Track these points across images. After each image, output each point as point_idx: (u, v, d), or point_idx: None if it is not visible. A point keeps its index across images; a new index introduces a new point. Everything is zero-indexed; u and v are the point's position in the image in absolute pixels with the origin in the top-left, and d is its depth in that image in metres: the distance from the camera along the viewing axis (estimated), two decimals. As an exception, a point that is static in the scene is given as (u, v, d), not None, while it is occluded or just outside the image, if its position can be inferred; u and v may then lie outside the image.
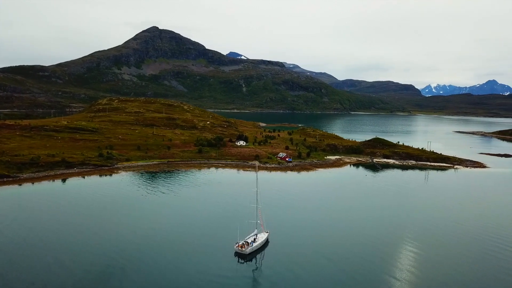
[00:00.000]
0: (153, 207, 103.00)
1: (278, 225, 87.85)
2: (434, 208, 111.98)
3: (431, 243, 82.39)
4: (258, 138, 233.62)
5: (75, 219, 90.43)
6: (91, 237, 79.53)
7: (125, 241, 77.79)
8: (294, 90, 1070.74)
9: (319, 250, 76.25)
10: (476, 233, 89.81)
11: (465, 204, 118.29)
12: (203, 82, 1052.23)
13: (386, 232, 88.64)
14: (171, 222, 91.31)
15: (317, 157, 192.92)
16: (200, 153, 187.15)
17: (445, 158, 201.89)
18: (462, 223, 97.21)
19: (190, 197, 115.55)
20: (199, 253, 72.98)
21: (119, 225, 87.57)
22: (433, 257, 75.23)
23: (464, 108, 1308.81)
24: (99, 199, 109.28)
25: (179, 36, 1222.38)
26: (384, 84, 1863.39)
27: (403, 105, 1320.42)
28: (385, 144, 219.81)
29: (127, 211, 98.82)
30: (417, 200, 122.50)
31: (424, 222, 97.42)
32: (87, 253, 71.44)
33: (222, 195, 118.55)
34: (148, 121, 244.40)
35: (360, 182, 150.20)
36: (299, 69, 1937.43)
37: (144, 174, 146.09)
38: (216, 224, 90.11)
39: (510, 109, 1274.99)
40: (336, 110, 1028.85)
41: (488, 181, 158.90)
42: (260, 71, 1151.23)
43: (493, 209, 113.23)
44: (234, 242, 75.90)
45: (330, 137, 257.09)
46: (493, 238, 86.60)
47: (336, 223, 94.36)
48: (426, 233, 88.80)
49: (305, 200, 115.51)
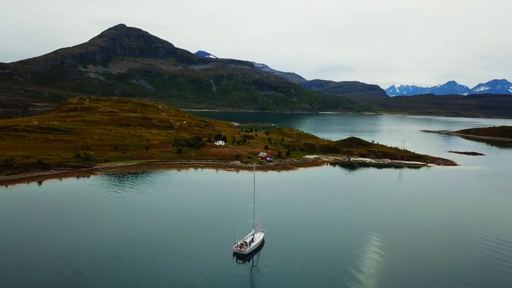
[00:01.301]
0: (144, 209, 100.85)
1: (271, 224, 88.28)
2: (426, 206, 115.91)
3: (434, 243, 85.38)
4: (237, 138, 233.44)
5: (61, 222, 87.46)
6: (85, 239, 77.21)
7: (121, 243, 76.04)
8: (264, 90, 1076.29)
9: (314, 248, 77.23)
10: (467, 231, 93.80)
11: (444, 202, 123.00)
12: (172, 81, 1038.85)
13: (377, 231, 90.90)
14: (165, 223, 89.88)
15: (296, 157, 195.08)
16: (180, 153, 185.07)
17: (419, 156, 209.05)
18: (456, 220, 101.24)
19: (180, 198, 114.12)
20: (198, 255, 72.23)
21: (113, 227, 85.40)
22: (434, 257, 77.96)
23: (427, 108, 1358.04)
24: (86, 201, 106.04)
25: (147, 34, 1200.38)
26: (350, 84, 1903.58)
27: (369, 105, 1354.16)
28: (360, 143, 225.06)
29: (119, 213, 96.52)
30: (403, 199, 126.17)
31: (421, 221, 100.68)
32: (80, 256, 69.36)
33: (215, 196, 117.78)
34: (123, 121, 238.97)
35: (343, 181, 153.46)
36: (268, 69, 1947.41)
37: (127, 175, 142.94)
38: (212, 225, 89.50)
39: (469, 109, 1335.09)
40: (305, 110, 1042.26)
41: (461, 178, 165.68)
42: (230, 70, 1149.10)
43: (471, 207, 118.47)
44: (232, 242, 75.92)
45: (307, 136, 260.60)
46: (479, 236, 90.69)
47: (327, 222, 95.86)
48: (425, 233, 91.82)
49: (294, 199, 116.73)
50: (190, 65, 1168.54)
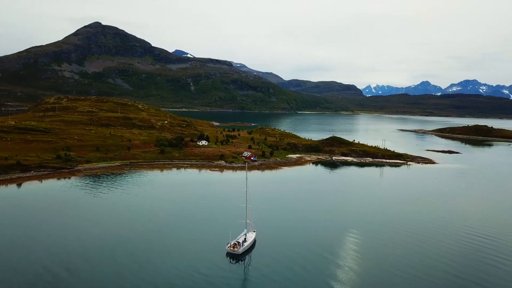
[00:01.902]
0: (133, 210, 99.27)
1: (261, 223, 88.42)
2: (411, 204, 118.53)
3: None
4: (220, 137, 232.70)
5: (46, 225, 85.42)
6: (77, 240, 75.66)
7: (113, 245, 74.87)
8: (243, 90, 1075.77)
9: (305, 247, 77.83)
10: (451, 227, 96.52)
11: (428, 200, 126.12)
12: (150, 80, 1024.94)
13: (365, 229, 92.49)
14: (156, 224, 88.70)
15: (280, 156, 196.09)
16: (163, 153, 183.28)
17: (399, 155, 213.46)
18: (440, 217, 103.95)
19: (169, 199, 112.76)
20: (191, 255, 71.85)
21: (103, 229, 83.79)
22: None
23: (402, 107, 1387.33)
24: (70, 203, 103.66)
25: (123, 33, 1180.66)
26: (328, 84, 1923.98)
27: (347, 104, 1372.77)
28: (342, 142, 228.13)
29: (109, 215, 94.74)
30: (388, 197, 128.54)
31: (408, 219, 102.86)
32: (72, 257, 68.00)
33: (205, 196, 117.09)
34: (104, 121, 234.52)
35: (327, 180, 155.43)
36: (246, 68, 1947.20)
37: (111, 176, 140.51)
38: (203, 225, 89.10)
39: (442, 109, 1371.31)
40: (284, 109, 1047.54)
41: (440, 176, 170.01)
42: (208, 69, 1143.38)
43: (453, 204, 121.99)
44: (225, 243, 75.90)
45: (289, 136, 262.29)
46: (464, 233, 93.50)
47: (315, 220, 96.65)
48: (413, 230, 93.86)
49: (283, 199, 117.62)
50: (167, 64, 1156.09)
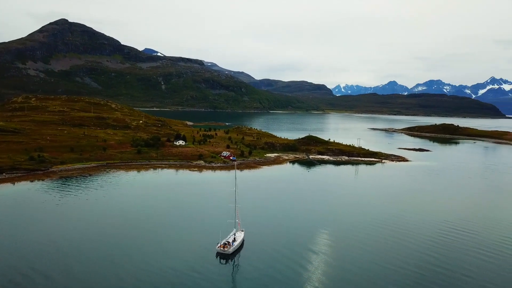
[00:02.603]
0: (118, 212, 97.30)
1: (249, 223, 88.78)
2: (389, 201, 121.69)
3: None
4: (197, 137, 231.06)
5: (23, 228, 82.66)
6: (61, 242, 73.63)
7: (101, 246, 73.41)
8: (215, 89, 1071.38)
9: (292, 245, 78.85)
10: (428, 222, 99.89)
11: (405, 196, 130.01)
12: (119, 79, 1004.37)
13: (349, 226, 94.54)
14: (143, 226, 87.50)
15: (258, 155, 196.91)
16: (140, 153, 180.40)
17: (373, 153, 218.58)
18: (419, 213, 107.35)
19: (153, 200, 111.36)
20: (181, 256, 71.49)
21: (89, 230, 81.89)
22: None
23: (371, 106, 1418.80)
24: (48, 205, 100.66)
25: (91, 30, 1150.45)
26: (299, 84, 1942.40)
27: (317, 104, 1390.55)
28: (318, 141, 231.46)
29: (93, 217, 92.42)
30: (369, 195, 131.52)
31: (391, 215, 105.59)
32: (56, 260, 66.27)
33: (191, 196, 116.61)
34: (76, 120, 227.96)
35: (307, 178, 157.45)
36: (218, 67, 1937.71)
37: (88, 177, 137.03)
38: (192, 226, 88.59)
39: (409, 108, 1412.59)
40: (257, 109, 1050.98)
41: (414, 173, 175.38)
42: (180, 68, 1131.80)
43: (428, 200, 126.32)
44: (214, 243, 75.89)
45: (266, 135, 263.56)
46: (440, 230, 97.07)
47: (301, 219, 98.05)
48: (398, 226, 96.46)
49: (266, 198, 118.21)
50: (137, 63, 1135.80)
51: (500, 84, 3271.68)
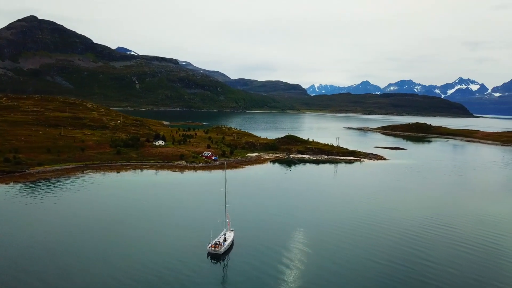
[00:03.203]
0: (104, 213, 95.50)
1: (236, 222, 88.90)
2: (373, 199, 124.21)
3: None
4: (176, 137, 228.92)
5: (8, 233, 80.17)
6: (46, 242, 71.80)
7: (91, 246, 71.95)
8: (190, 88, 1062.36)
9: (280, 244, 79.55)
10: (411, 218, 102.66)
11: (386, 194, 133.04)
12: (92, 78, 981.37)
13: (334, 223, 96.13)
14: (134, 227, 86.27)
15: (239, 155, 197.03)
16: (119, 154, 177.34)
17: (352, 152, 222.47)
18: (404, 209, 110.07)
19: (139, 201, 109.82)
20: (173, 258, 71.02)
21: (81, 230, 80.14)
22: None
23: (345, 106, 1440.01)
24: (30, 208, 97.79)
25: (62, 28, 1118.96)
26: (274, 83, 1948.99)
27: (293, 103, 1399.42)
28: (298, 140, 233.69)
29: (80, 217, 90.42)
30: (352, 193, 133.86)
31: (377, 213, 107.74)
32: (40, 262, 64.67)
33: (178, 197, 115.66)
34: (51, 121, 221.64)
35: (289, 177, 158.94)
36: (192, 66, 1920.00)
37: (68, 179, 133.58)
38: (182, 227, 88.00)
39: (382, 107, 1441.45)
40: (233, 108, 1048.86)
41: (393, 171, 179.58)
42: (154, 67, 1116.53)
43: (409, 196, 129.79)
44: (205, 243, 75.80)
45: (246, 135, 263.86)
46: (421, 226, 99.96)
47: (287, 217, 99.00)
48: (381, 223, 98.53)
49: (250, 197, 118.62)
50: (111, 62, 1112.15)
51: (468, 84, 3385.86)
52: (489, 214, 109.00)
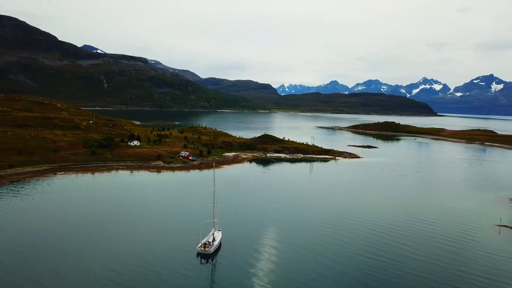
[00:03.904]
0: (89, 214, 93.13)
1: (223, 222, 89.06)
2: (352, 196, 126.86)
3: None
4: (151, 137, 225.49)
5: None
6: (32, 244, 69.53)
7: (81, 246, 70.29)
8: (160, 87, 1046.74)
9: (267, 243, 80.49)
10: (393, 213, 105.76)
11: (365, 191, 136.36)
12: (58, 77, 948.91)
13: (313, 221, 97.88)
14: (120, 229, 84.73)
15: (217, 155, 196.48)
16: (94, 155, 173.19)
17: (327, 151, 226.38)
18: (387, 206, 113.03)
19: (121, 204, 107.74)
20: (162, 260, 70.47)
21: (70, 234, 77.90)
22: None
23: (315, 105, 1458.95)
24: (8, 212, 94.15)
25: (25, 25, 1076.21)
26: (245, 83, 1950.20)
27: (264, 103, 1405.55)
28: (274, 140, 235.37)
29: (62, 219, 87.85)
30: (336, 190, 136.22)
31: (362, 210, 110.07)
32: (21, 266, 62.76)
33: (162, 197, 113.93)
34: (20, 121, 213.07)
35: (268, 176, 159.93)
36: (162, 65, 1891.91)
37: (43, 181, 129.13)
38: (170, 228, 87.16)
39: (351, 106, 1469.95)
40: (204, 108, 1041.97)
41: (368, 169, 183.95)
42: (123, 66, 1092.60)
43: (386, 193, 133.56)
44: (193, 243, 75.72)
45: (222, 134, 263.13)
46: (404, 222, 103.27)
47: (270, 215, 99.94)
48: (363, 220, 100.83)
49: (232, 197, 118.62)
50: (77, 60, 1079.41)
51: (431, 84, 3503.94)
52: (460, 208, 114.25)
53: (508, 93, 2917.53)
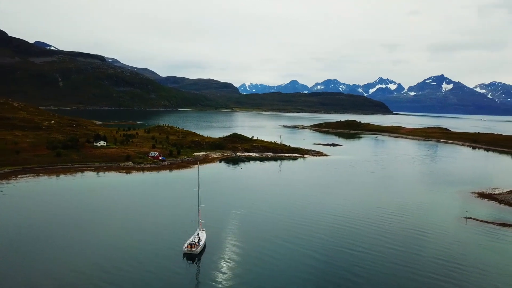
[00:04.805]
0: (67, 216, 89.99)
1: (205, 222, 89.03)
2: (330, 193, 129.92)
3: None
4: (117, 137, 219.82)
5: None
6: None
7: (60, 249, 68.04)
8: (119, 86, 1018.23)
9: (249, 242, 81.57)
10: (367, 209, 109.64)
11: (341, 188, 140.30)
12: (8, 75, 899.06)
13: (297, 219, 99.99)
14: (102, 232, 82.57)
15: (187, 154, 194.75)
16: (59, 156, 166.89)
17: (295, 149, 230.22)
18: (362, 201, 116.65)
19: (92, 203, 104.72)
20: (148, 262, 69.75)
21: (51, 236, 74.93)
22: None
23: (276, 105, 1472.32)
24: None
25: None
26: (205, 81, 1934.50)
27: (225, 102, 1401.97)
28: (243, 139, 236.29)
29: (46, 224, 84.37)
30: (310, 187, 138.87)
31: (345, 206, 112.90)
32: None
33: (143, 198, 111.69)
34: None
35: (240, 175, 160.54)
36: (120, 63, 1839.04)
37: (7, 185, 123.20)
38: (154, 229, 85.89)
39: (311, 106, 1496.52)
40: (165, 107, 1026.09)
41: (337, 166, 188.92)
42: (79, 64, 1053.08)
43: (358, 189, 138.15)
44: (178, 244, 75.49)
45: (190, 134, 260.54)
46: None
47: (249, 214, 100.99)
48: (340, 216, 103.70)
49: (208, 197, 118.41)
50: (30, 57, 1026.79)
51: (387, 84, 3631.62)
52: (429, 202, 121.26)
53: (457, 92, 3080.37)
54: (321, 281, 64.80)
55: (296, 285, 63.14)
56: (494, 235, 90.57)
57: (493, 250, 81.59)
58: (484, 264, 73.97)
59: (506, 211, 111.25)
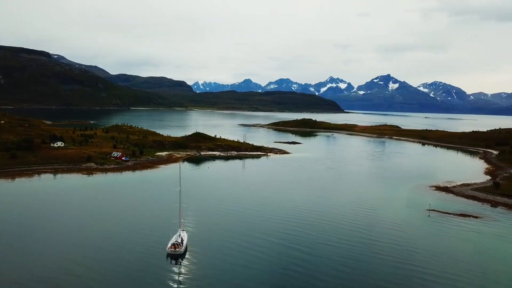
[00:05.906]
0: (45, 218, 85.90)
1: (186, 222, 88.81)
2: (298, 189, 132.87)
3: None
4: (75, 137, 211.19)
5: None
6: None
7: (44, 252, 65.35)
8: (67, 84, 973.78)
9: (234, 241, 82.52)
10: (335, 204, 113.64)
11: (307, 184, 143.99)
12: None
13: (274, 217, 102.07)
14: (84, 236, 79.79)
15: (149, 154, 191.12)
16: (14, 158, 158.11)
17: (259, 147, 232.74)
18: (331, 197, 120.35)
19: (57, 207, 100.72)
20: (131, 264, 68.84)
21: (36, 239, 71.28)
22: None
23: (231, 103, 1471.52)
24: None
25: None
26: (158, 80, 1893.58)
27: (179, 100, 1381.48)
28: (206, 138, 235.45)
29: (27, 228, 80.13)
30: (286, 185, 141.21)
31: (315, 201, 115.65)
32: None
33: (118, 200, 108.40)
34: None
35: (207, 175, 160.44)
36: (66, 60, 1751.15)
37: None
38: (136, 230, 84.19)
39: (266, 104, 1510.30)
40: (116, 105, 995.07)
41: (302, 163, 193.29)
42: (23, 60, 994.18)
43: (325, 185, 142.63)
44: (161, 244, 75.02)
45: (151, 133, 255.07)
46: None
47: (228, 214, 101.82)
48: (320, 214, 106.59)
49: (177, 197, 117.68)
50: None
51: (337, 83, 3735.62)
52: (393, 196, 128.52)
53: (402, 91, 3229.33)
54: (304, 276, 67.00)
55: (276, 279, 64.85)
56: (456, 225, 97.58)
57: (458, 238, 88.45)
58: (454, 250, 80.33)
59: (463, 203, 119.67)
